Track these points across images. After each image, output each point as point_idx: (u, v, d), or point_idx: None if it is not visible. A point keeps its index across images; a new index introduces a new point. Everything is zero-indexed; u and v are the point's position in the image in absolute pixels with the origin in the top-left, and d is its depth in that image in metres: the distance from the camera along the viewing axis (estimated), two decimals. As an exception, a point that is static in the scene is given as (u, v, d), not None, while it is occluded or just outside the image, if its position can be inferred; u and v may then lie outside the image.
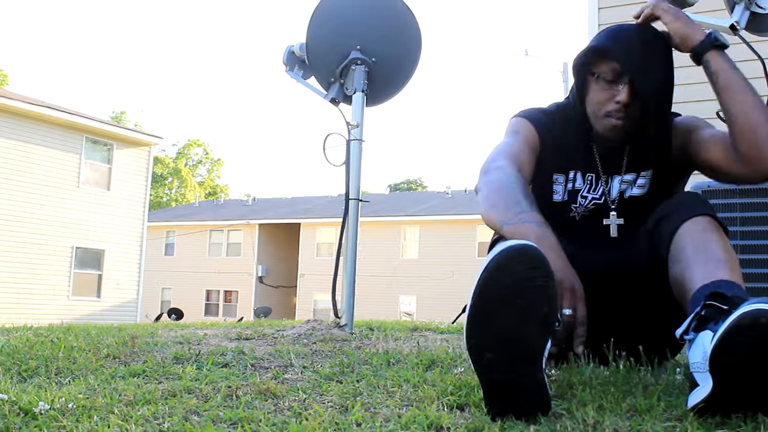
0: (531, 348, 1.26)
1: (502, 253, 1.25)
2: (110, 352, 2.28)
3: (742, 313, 1.17)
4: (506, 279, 1.24)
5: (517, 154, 1.86)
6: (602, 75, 1.87)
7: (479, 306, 1.24)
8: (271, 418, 1.30)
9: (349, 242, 3.48)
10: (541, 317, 1.26)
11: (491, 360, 1.26)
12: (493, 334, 1.25)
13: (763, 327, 1.15)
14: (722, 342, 1.19)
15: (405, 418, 1.27)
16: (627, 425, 1.19)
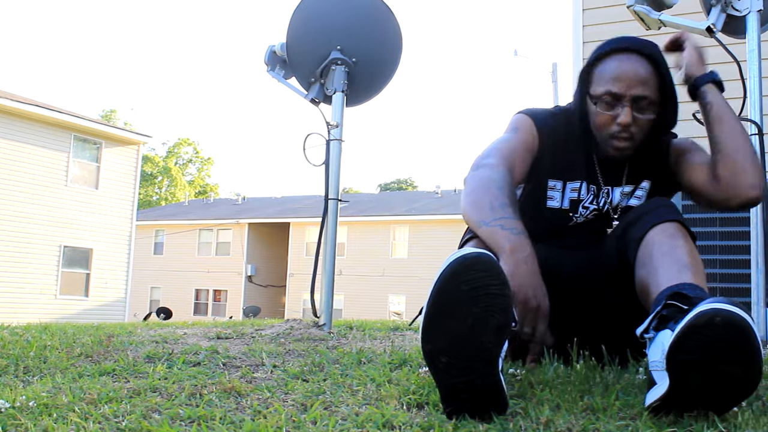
0: (486, 352, 1.27)
1: (457, 261, 1.26)
2: (83, 351, 2.29)
3: (698, 312, 1.19)
4: (461, 287, 1.25)
5: (511, 153, 1.88)
6: (601, 100, 1.88)
7: (434, 312, 1.26)
8: (230, 416, 1.31)
9: (327, 242, 3.48)
10: (496, 325, 1.27)
11: (446, 364, 1.27)
12: (447, 339, 1.26)
13: (718, 326, 1.17)
14: (679, 340, 1.20)
15: (362, 416, 1.28)
16: (580, 424, 1.21)
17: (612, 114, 1.86)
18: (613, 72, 1.87)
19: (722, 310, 1.18)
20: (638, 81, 1.85)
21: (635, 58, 1.87)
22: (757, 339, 1.18)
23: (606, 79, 1.87)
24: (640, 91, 1.85)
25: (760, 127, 2.86)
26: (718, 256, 4.13)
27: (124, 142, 20.27)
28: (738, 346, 1.17)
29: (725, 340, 1.17)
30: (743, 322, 1.17)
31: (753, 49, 2.94)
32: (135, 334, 3.07)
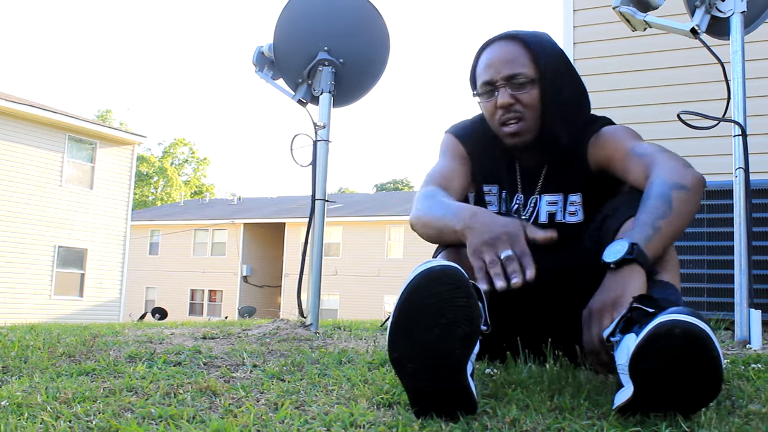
0: (454, 360, 1.28)
1: (423, 274, 1.27)
2: (66, 351, 2.29)
3: (658, 323, 1.20)
4: (428, 299, 1.26)
5: (445, 177, 1.93)
6: (481, 92, 1.93)
7: (400, 322, 1.26)
8: (201, 415, 1.32)
9: (314, 242, 3.49)
10: (462, 334, 1.28)
11: (414, 369, 1.28)
12: (414, 348, 1.26)
13: (678, 337, 1.18)
14: (640, 349, 1.21)
15: (330, 416, 1.29)
16: (546, 423, 1.22)
17: (492, 101, 1.89)
18: (484, 63, 1.92)
19: (681, 321, 1.19)
20: (505, 61, 1.88)
21: (500, 44, 1.92)
22: (717, 348, 1.19)
23: (480, 74, 1.93)
24: (510, 69, 1.87)
25: (743, 128, 2.88)
26: (705, 257, 4.14)
27: (118, 142, 20.25)
28: (698, 357, 1.18)
29: (685, 350, 1.18)
30: (702, 333, 1.18)
31: (737, 51, 2.96)
32: (121, 334, 3.08)
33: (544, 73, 1.88)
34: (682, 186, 1.63)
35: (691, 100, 4.91)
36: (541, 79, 1.88)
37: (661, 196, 1.61)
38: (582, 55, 5.88)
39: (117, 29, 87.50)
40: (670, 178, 1.66)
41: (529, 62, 1.88)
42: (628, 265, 1.51)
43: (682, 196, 1.62)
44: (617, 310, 1.44)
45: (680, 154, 1.90)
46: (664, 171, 1.69)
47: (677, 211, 1.59)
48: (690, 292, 4.09)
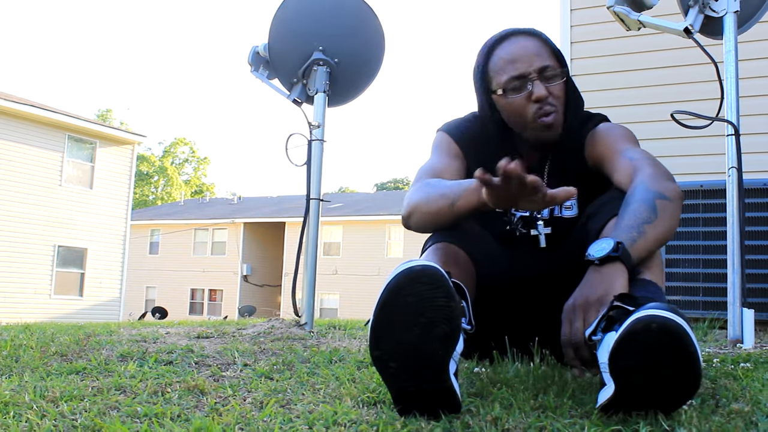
0: (435, 359, 1.28)
1: (403, 273, 1.27)
2: (58, 350, 2.30)
3: (635, 319, 1.20)
4: (407, 299, 1.26)
5: (439, 173, 1.91)
6: (508, 88, 1.89)
7: (381, 321, 1.27)
8: (186, 413, 1.33)
9: (309, 242, 3.50)
10: (443, 334, 1.28)
11: (396, 369, 1.28)
12: (395, 347, 1.27)
13: (654, 332, 1.18)
14: (618, 347, 1.22)
15: (314, 414, 1.29)
16: (528, 422, 1.22)
17: (524, 95, 1.86)
18: (507, 58, 1.88)
19: (658, 316, 1.19)
20: (534, 54, 1.87)
21: (520, 39, 1.90)
22: (694, 343, 1.19)
23: (503, 68, 1.89)
24: (540, 62, 1.86)
25: (736, 128, 2.88)
26: (701, 256, 4.15)
27: (118, 141, 20.26)
28: (675, 352, 1.19)
29: (662, 346, 1.19)
30: (679, 328, 1.18)
31: (730, 50, 2.96)
32: (116, 334, 3.09)
33: (566, 67, 1.91)
34: (664, 196, 1.64)
35: (686, 99, 4.91)
36: (565, 72, 1.90)
37: (645, 202, 1.62)
38: (579, 54, 5.89)
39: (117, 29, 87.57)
40: (653, 186, 1.66)
41: (552, 56, 1.89)
42: (612, 263, 1.51)
43: (667, 205, 1.63)
44: (603, 306, 1.44)
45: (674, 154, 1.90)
46: (647, 178, 1.69)
47: (662, 218, 1.60)
48: (686, 292, 4.10)
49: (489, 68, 1.93)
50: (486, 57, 1.94)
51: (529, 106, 1.86)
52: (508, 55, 1.88)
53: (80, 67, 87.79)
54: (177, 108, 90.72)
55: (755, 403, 1.40)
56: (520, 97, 1.87)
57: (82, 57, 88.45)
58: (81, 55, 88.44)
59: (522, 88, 1.86)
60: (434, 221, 1.77)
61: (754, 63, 4.87)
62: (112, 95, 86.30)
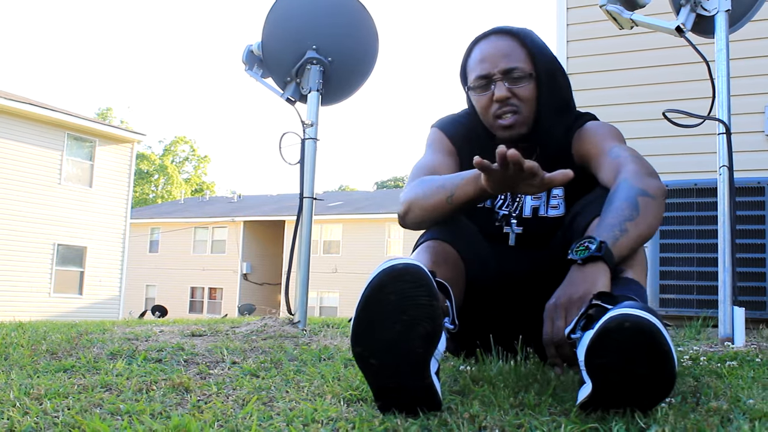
0: (416, 357, 1.29)
1: (385, 272, 1.28)
2: (49, 348, 2.30)
3: (608, 318, 1.21)
4: (389, 297, 1.27)
5: (434, 170, 1.93)
6: (475, 86, 1.95)
7: (363, 318, 1.27)
8: (168, 411, 1.33)
9: (302, 240, 3.51)
10: (425, 332, 1.28)
11: (377, 366, 1.28)
12: (376, 344, 1.27)
13: (627, 330, 1.19)
14: (593, 345, 1.23)
15: (294, 412, 1.30)
16: (506, 419, 1.23)
17: (488, 95, 1.92)
18: (478, 57, 1.94)
19: (631, 315, 1.20)
20: (502, 55, 1.91)
21: (495, 38, 1.95)
22: (668, 342, 1.20)
23: (473, 67, 1.95)
24: (506, 63, 1.90)
25: (728, 126, 2.89)
26: (695, 254, 4.15)
27: (118, 140, 20.27)
28: (649, 351, 1.19)
29: (635, 344, 1.19)
30: (652, 327, 1.19)
31: (721, 49, 2.97)
32: (109, 332, 3.09)
33: (539, 68, 1.92)
34: (647, 193, 1.66)
35: (681, 98, 4.91)
36: (536, 74, 1.92)
37: (627, 199, 1.64)
38: (575, 53, 5.89)
39: (118, 27, 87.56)
40: (636, 183, 1.68)
41: (525, 57, 1.91)
42: (594, 263, 1.52)
43: (649, 202, 1.64)
44: (584, 305, 1.44)
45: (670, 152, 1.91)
46: (630, 175, 1.71)
47: (644, 216, 1.62)
48: (680, 290, 4.11)
49: (467, 66, 1.99)
50: (466, 54, 2.01)
51: (491, 106, 1.92)
52: (480, 54, 1.95)
53: (81, 65, 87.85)
54: (177, 106, 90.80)
55: (735, 400, 1.41)
56: (485, 96, 1.93)
57: (82, 55, 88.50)
58: (81, 54, 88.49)
59: (487, 87, 1.92)
60: (431, 215, 1.79)
61: (746, 62, 4.88)
62: (112, 93, 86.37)
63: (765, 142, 5.11)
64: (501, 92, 1.88)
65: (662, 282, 4.18)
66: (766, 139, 5.10)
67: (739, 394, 1.47)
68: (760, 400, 1.38)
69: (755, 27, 4.85)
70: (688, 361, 1.97)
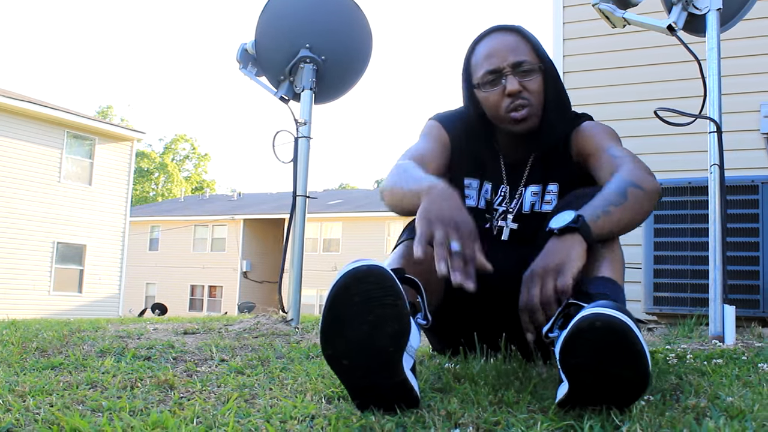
0: (386, 356, 1.29)
1: (349, 274, 1.28)
2: (39, 346, 2.31)
3: (581, 317, 1.22)
4: (354, 298, 1.27)
5: (421, 152, 1.94)
6: (484, 82, 1.92)
7: (330, 320, 1.28)
8: (150, 408, 1.34)
9: (295, 238, 3.52)
10: (392, 332, 1.29)
11: (348, 366, 1.29)
12: (345, 345, 1.28)
13: (599, 330, 1.20)
14: (566, 344, 1.24)
15: (274, 409, 1.31)
16: (484, 416, 1.23)
17: (499, 89, 1.90)
18: (484, 53, 1.93)
19: (602, 314, 1.21)
20: (509, 50, 1.90)
21: (499, 34, 1.94)
22: (640, 341, 1.21)
23: (480, 63, 1.93)
24: (515, 57, 1.89)
25: (718, 125, 2.89)
26: (689, 253, 4.16)
27: (117, 138, 20.27)
28: (620, 350, 1.20)
29: (607, 343, 1.20)
30: (623, 325, 1.20)
31: (712, 48, 2.97)
32: (102, 330, 3.10)
33: (544, 62, 1.93)
34: (638, 186, 1.68)
35: (676, 96, 4.91)
36: (542, 67, 1.92)
37: (616, 189, 1.67)
38: (571, 51, 5.90)
39: (118, 25, 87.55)
40: (629, 177, 1.70)
41: (530, 51, 1.92)
42: (571, 234, 1.55)
43: (638, 193, 1.66)
44: (561, 275, 1.48)
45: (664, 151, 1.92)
46: (625, 171, 1.74)
47: (630, 202, 1.64)
48: (674, 288, 4.11)
49: (471, 63, 1.97)
50: (469, 52, 1.99)
51: (503, 101, 1.89)
52: (486, 50, 1.93)
53: (81, 63, 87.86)
54: (178, 104, 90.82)
55: (714, 398, 1.41)
56: (495, 91, 1.90)
57: (83, 53, 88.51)
58: (82, 52, 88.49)
59: (497, 82, 1.90)
60: (399, 207, 1.77)
61: (737, 61, 4.88)
62: (113, 92, 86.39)
63: (760, 140, 5.12)
64: (513, 86, 1.87)
65: (656, 280, 4.18)
66: (761, 138, 5.10)
67: (719, 391, 1.47)
68: (738, 397, 1.38)
69: (751, 25, 4.84)
70: (674, 359, 1.97)
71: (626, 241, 1.77)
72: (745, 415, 1.25)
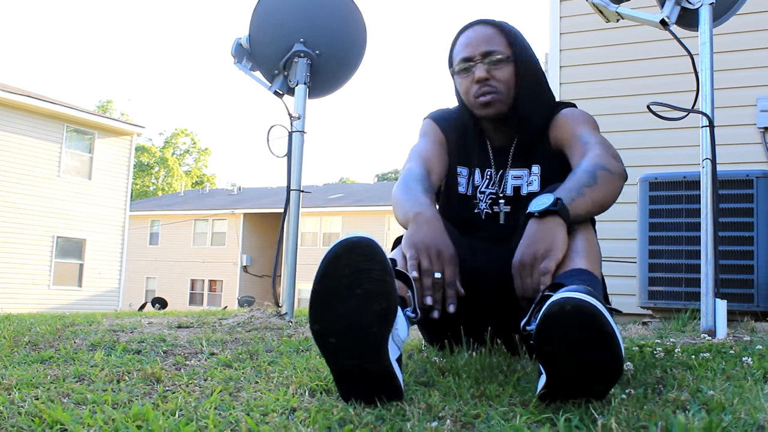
0: (373, 335, 1.30)
1: (340, 244, 1.30)
2: (31, 340, 2.32)
3: (550, 303, 1.24)
4: (344, 269, 1.29)
5: (425, 153, 2.08)
6: (459, 69, 2.08)
7: (320, 293, 1.29)
8: (134, 401, 1.35)
9: (289, 233, 3.53)
10: (380, 309, 1.30)
11: (335, 345, 1.30)
12: (334, 319, 1.29)
13: (569, 314, 1.21)
14: (538, 332, 1.25)
15: (256, 402, 1.32)
16: (464, 409, 1.24)
17: (470, 76, 2.06)
18: (462, 43, 2.10)
19: (571, 298, 1.22)
20: (482, 40, 2.05)
21: (477, 27, 2.10)
22: (610, 324, 1.21)
23: (458, 53, 2.10)
24: (486, 47, 2.04)
25: (711, 119, 2.89)
26: (684, 247, 4.16)
27: (117, 132, 20.26)
28: (591, 333, 1.21)
29: (577, 327, 1.21)
30: (592, 309, 1.21)
31: (705, 42, 2.97)
32: (96, 324, 3.11)
33: (518, 53, 2.06)
34: (606, 168, 1.79)
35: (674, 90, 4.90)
36: (515, 58, 2.05)
37: (586, 171, 1.77)
38: (568, 45, 5.89)
39: (119, 19, 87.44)
40: (598, 160, 1.81)
41: (504, 43, 2.06)
42: (552, 217, 1.62)
43: (607, 176, 1.77)
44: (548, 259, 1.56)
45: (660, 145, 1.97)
46: (595, 155, 1.85)
47: (601, 184, 1.74)
48: (669, 282, 4.12)
49: (454, 51, 2.14)
50: (453, 42, 2.15)
51: (472, 87, 2.05)
52: (464, 40, 2.09)
53: (81, 57, 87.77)
54: (178, 99, 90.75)
55: (696, 391, 1.42)
56: (467, 78, 2.07)
57: (83, 48, 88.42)
58: (82, 46, 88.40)
59: (469, 69, 2.06)
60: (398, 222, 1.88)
61: (730, 55, 4.88)
62: (113, 86, 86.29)
63: (756, 134, 5.11)
64: (480, 73, 2.02)
65: (651, 274, 4.19)
66: (758, 132, 5.10)
67: (702, 385, 1.48)
68: (720, 391, 1.39)
69: (747, 19, 4.85)
70: (662, 353, 1.98)
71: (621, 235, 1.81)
72: (724, 408, 1.26)
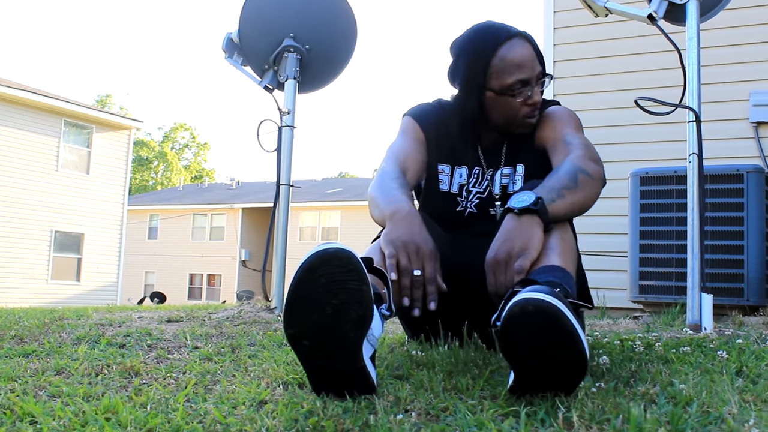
0: (347, 341, 1.31)
1: (316, 255, 1.30)
2: (17, 334, 2.34)
3: (513, 303, 1.25)
4: (320, 280, 1.29)
5: (401, 152, 2.04)
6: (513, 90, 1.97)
7: (295, 300, 1.30)
8: (110, 394, 1.36)
9: (279, 227, 3.54)
10: (356, 317, 1.31)
11: (309, 347, 1.31)
12: (308, 326, 1.30)
13: (531, 314, 1.23)
14: (503, 331, 1.27)
15: (228, 395, 1.33)
16: (434, 402, 1.25)
17: (522, 98, 1.98)
18: (515, 60, 1.96)
19: (533, 298, 1.23)
20: (533, 60, 1.99)
21: (519, 42, 1.99)
22: (571, 323, 1.23)
23: (510, 71, 1.96)
24: (537, 69, 1.99)
25: (698, 114, 2.90)
26: (674, 242, 4.17)
27: (115, 127, 20.25)
28: (553, 332, 1.22)
29: (539, 327, 1.23)
30: (554, 309, 1.22)
31: (692, 37, 2.98)
32: (84, 318, 3.12)
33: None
34: (586, 172, 1.78)
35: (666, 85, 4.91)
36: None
37: (568, 173, 1.76)
38: (562, 40, 5.89)
39: (118, 14, 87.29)
40: (578, 163, 1.80)
41: (538, 61, 2.01)
42: (530, 215, 1.61)
43: (587, 180, 1.76)
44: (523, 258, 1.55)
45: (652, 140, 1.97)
46: (575, 157, 1.84)
47: (581, 188, 1.74)
48: (659, 277, 4.13)
49: (492, 65, 1.97)
50: (489, 55, 1.97)
51: (522, 108, 1.99)
52: (517, 58, 1.96)
53: (80, 52, 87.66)
54: (178, 93, 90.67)
55: (668, 384, 1.43)
56: (519, 99, 1.98)
57: (82, 42, 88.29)
58: (81, 41, 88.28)
59: (523, 91, 1.97)
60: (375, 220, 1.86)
61: (717, 51, 4.87)
62: (111, 80, 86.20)
63: (749, 129, 5.11)
64: (538, 98, 1.99)
65: (642, 269, 4.20)
66: (750, 127, 5.10)
67: (675, 378, 1.49)
68: (691, 385, 1.40)
69: (739, 14, 4.85)
70: (641, 347, 1.99)
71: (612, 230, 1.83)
72: (690, 401, 1.27)
